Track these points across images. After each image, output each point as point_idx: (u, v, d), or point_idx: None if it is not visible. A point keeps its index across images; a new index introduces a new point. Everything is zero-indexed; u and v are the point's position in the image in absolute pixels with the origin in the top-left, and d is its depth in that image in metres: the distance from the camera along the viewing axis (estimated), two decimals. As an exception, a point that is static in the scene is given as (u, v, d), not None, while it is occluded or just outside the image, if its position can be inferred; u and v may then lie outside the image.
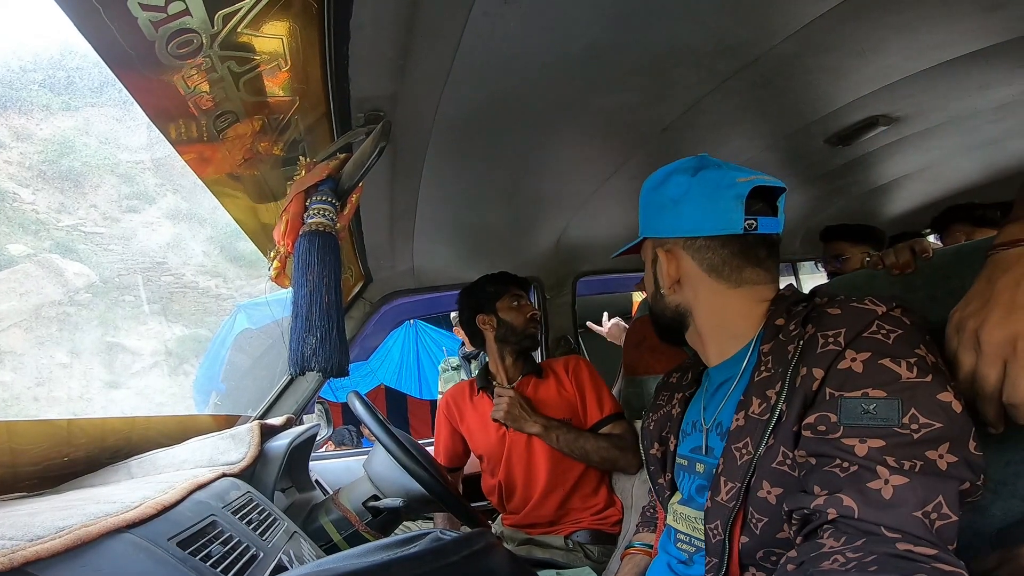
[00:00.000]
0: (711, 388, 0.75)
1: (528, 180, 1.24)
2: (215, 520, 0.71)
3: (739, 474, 0.61)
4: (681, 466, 0.76)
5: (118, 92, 10.64)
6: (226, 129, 0.78)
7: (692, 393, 0.81)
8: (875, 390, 0.52)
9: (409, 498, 1.12)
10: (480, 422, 1.45)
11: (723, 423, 0.68)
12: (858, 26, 0.83)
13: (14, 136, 9.73)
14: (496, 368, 1.46)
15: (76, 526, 0.52)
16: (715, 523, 0.64)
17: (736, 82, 0.94)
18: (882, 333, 0.55)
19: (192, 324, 9.34)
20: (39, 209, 9.30)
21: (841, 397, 0.54)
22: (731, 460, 0.63)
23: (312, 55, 0.70)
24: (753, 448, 0.60)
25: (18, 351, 8.05)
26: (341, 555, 0.52)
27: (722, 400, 0.71)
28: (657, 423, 0.83)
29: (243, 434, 1.01)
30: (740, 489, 0.61)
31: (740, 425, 0.63)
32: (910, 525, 0.47)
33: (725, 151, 1.28)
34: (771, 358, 0.63)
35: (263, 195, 0.95)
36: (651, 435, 0.83)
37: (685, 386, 0.82)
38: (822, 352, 0.57)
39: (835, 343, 0.56)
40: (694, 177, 0.72)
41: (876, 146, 1.35)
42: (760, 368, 0.64)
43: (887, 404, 0.51)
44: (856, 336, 0.56)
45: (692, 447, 0.74)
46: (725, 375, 0.72)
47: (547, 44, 0.78)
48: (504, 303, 1.44)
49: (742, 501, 0.61)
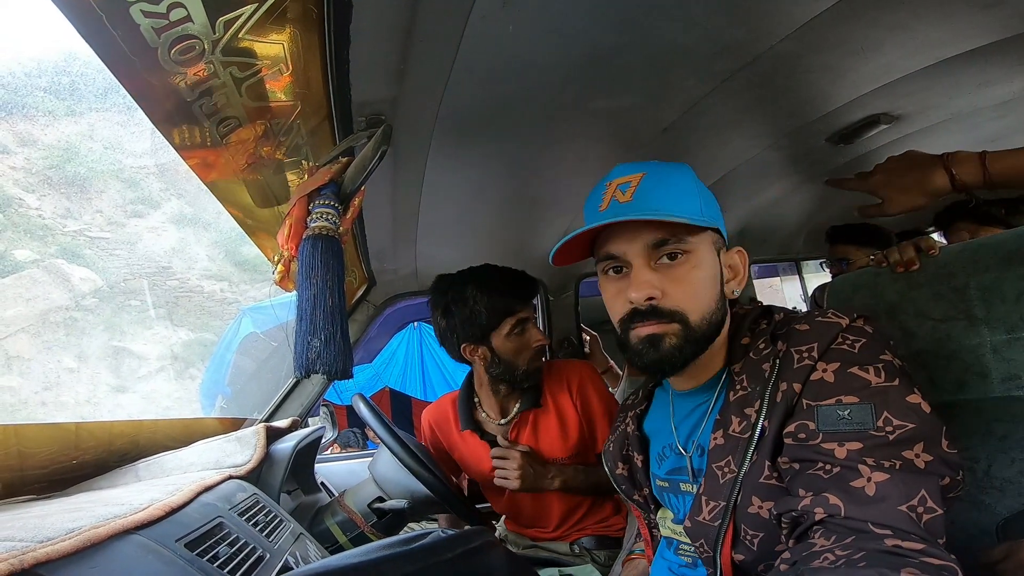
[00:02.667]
0: (682, 412, 0.73)
1: (530, 182, 1.25)
2: (222, 522, 0.72)
3: (723, 493, 0.61)
4: (663, 488, 0.75)
5: (122, 97, 10.72)
6: (229, 134, 0.79)
7: (643, 410, 0.80)
8: (848, 396, 0.54)
9: (414, 500, 1.13)
10: (473, 457, 1.26)
11: (703, 444, 0.67)
12: (855, 25, 0.83)
13: (19, 141, 9.81)
14: (487, 402, 1.22)
15: (85, 527, 0.52)
16: (700, 541, 0.64)
17: (735, 82, 0.94)
18: (847, 343, 0.57)
19: (198, 328, 9.38)
20: (45, 214, 9.36)
21: (817, 406, 0.55)
22: (713, 479, 0.63)
23: (313, 60, 0.71)
24: (736, 466, 0.60)
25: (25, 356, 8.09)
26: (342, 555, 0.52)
27: (699, 421, 0.69)
28: (616, 443, 0.82)
29: (249, 436, 1.02)
30: (726, 508, 0.61)
31: (719, 444, 0.63)
32: (897, 519, 0.48)
33: (727, 151, 1.28)
34: (745, 376, 0.63)
35: (266, 199, 0.96)
36: (612, 456, 0.82)
37: (636, 404, 0.82)
38: (799, 367, 0.58)
39: (809, 357, 0.58)
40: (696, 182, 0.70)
41: (878, 144, 1.34)
42: (735, 387, 0.64)
43: (860, 409, 0.53)
44: (826, 349, 0.58)
45: (670, 469, 0.73)
46: (699, 399, 0.70)
47: (546, 47, 0.78)
48: (503, 331, 1.13)
49: (729, 519, 0.61)
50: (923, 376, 0.71)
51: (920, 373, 0.71)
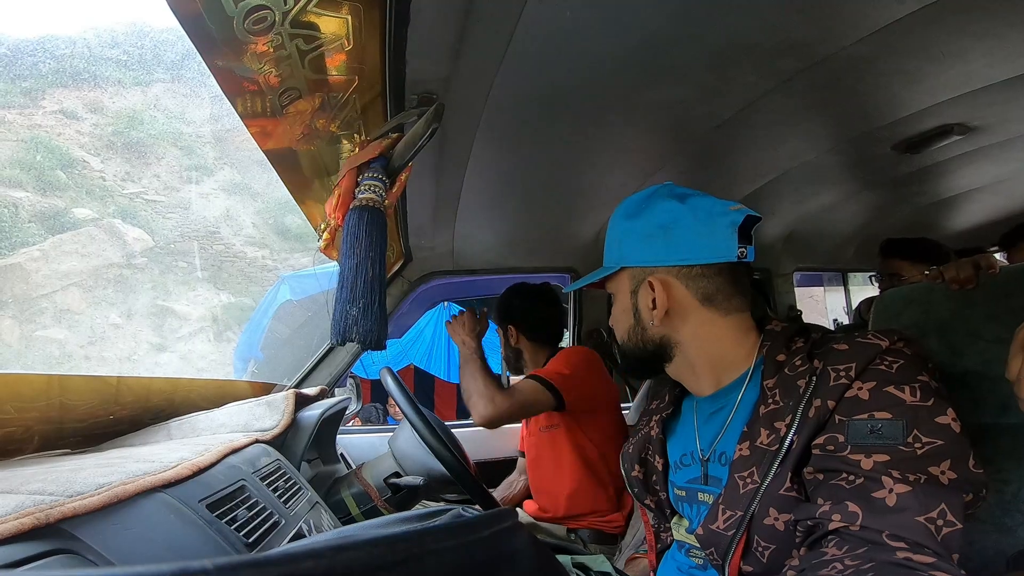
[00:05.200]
0: (702, 417, 0.74)
1: (573, 171, 1.24)
2: (244, 485, 0.72)
3: (742, 503, 0.61)
4: (680, 497, 0.75)
5: (186, 70, 11.21)
6: (288, 105, 0.82)
7: (669, 415, 0.81)
8: (881, 412, 0.55)
9: (430, 478, 1.13)
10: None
11: (728, 452, 0.67)
12: (939, 30, 0.79)
13: (88, 108, 10.40)
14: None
15: (115, 483, 0.52)
16: (711, 550, 0.65)
17: (799, 82, 0.91)
18: (885, 364, 0.58)
19: (238, 293, 9.73)
20: (106, 177, 9.91)
21: (849, 420, 0.56)
22: (733, 489, 0.63)
23: (372, 36, 0.72)
24: (760, 477, 0.60)
25: (75, 310, 8.47)
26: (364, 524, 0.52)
27: (719, 429, 0.70)
28: (636, 445, 0.83)
29: (278, 402, 1.03)
30: (742, 518, 0.61)
31: (745, 455, 0.63)
32: (913, 530, 0.48)
33: (781, 152, 1.23)
34: (778, 391, 0.63)
35: (317, 170, 0.99)
36: (630, 457, 0.83)
37: (663, 408, 0.82)
38: (834, 385, 0.58)
39: (846, 376, 0.58)
40: (684, 204, 0.71)
41: (947, 156, 1.27)
42: (767, 401, 0.64)
43: (892, 424, 0.54)
44: (864, 369, 0.58)
45: (689, 478, 0.73)
46: (719, 404, 0.71)
47: (603, 34, 0.77)
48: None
49: (744, 529, 0.61)
50: (966, 396, 0.70)
51: (964, 393, 0.70)
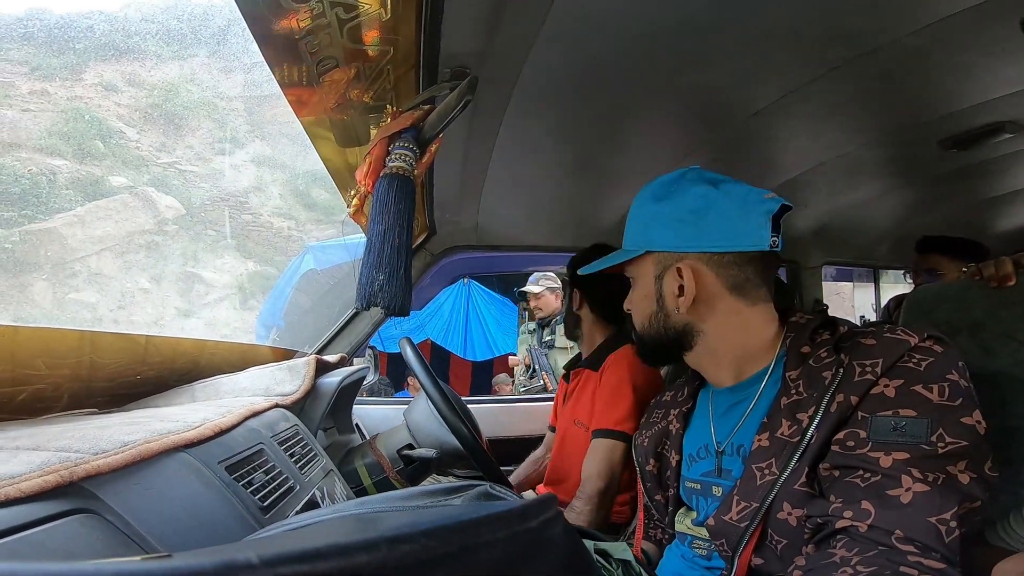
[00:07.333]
0: (719, 410, 0.73)
1: (602, 151, 1.22)
2: (263, 448, 0.73)
3: (758, 494, 0.61)
4: (694, 490, 0.74)
5: (223, 44, 11.38)
6: (325, 74, 0.83)
7: (690, 409, 0.79)
8: (906, 410, 0.54)
9: (443, 451, 1.13)
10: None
11: (745, 444, 0.67)
12: (999, 25, 0.76)
13: (127, 81, 10.63)
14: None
15: (139, 441, 0.52)
16: (721, 541, 0.64)
17: (844, 72, 0.88)
18: (913, 362, 0.57)
19: (263, 262, 9.97)
20: (142, 147, 10.17)
21: (872, 417, 0.55)
22: (750, 480, 0.62)
23: (409, 8, 0.73)
24: (778, 469, 0.60)
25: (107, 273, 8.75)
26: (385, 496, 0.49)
27: (738, 422, 0.69)
28: (652, 439, 0.82)
29: (300, 367, 1.04)
30: (758, 509, 0.60)
31: (764, 446, 0.63)
32: (924, 532, 0.48)
33: (819, 143, 1.20)
34: (802, 382, 0.63)
35: (349, 139, 1.01)
36: (645, 451, 0.82)
37: (682, 402, 0.81)
38: (859, 380, 0.58)
39: (872, 372, 0.57)
40: (718, 189, 0.69)
41: (997, 154, 1.21)
42: (789, 392, 0.63)
43: (916, 423, 0.53)
44: (891, 366, 0.57)
45: (704, 471, 0.73)
46: (739, 396, 0.71)
47: (641, 13, 0.76)
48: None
49: (759, 522, 0.60)
50: (995, 396, 0.68)
51: (993, 393, 0.68)
